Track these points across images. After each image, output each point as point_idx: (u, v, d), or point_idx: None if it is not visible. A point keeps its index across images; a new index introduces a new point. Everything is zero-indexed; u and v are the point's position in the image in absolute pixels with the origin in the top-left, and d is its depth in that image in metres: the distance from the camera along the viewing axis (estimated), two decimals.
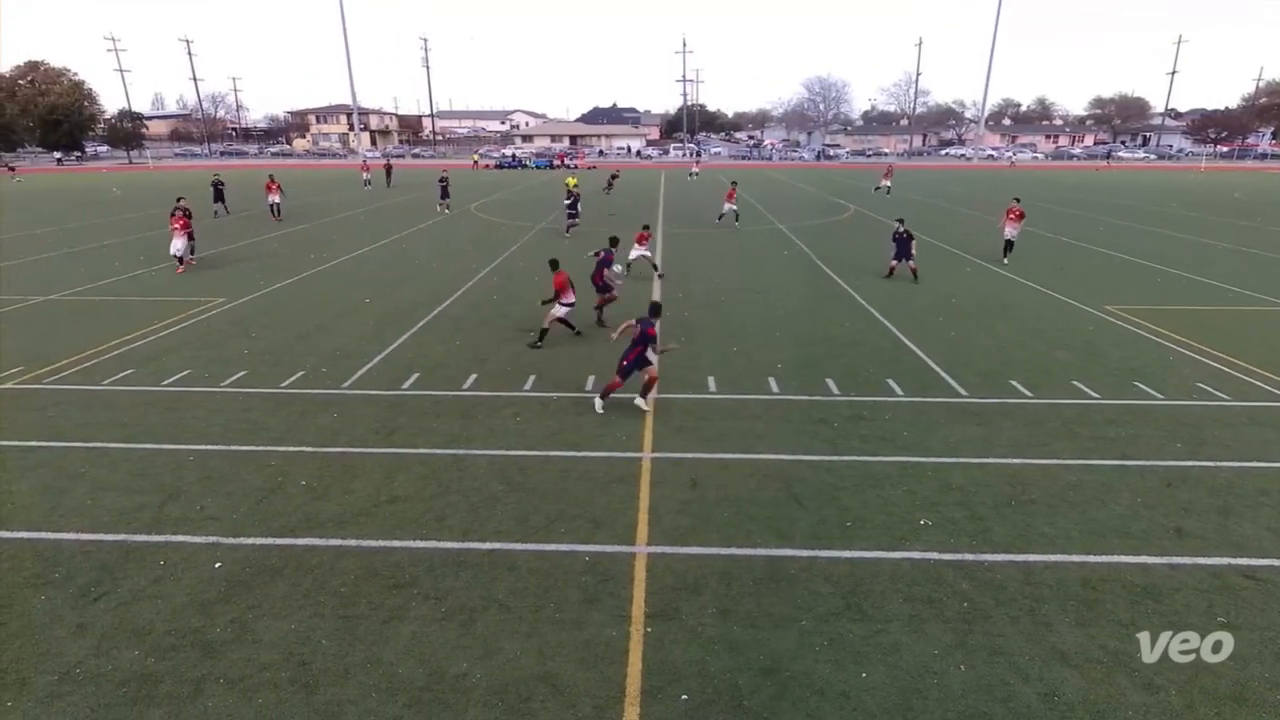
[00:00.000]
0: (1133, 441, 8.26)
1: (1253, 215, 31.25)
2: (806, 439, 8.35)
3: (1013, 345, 11.95)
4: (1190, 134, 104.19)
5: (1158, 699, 4.61)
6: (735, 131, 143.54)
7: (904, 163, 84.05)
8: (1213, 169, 72.87)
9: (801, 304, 14.94)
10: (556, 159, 75.75)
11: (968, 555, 6.13)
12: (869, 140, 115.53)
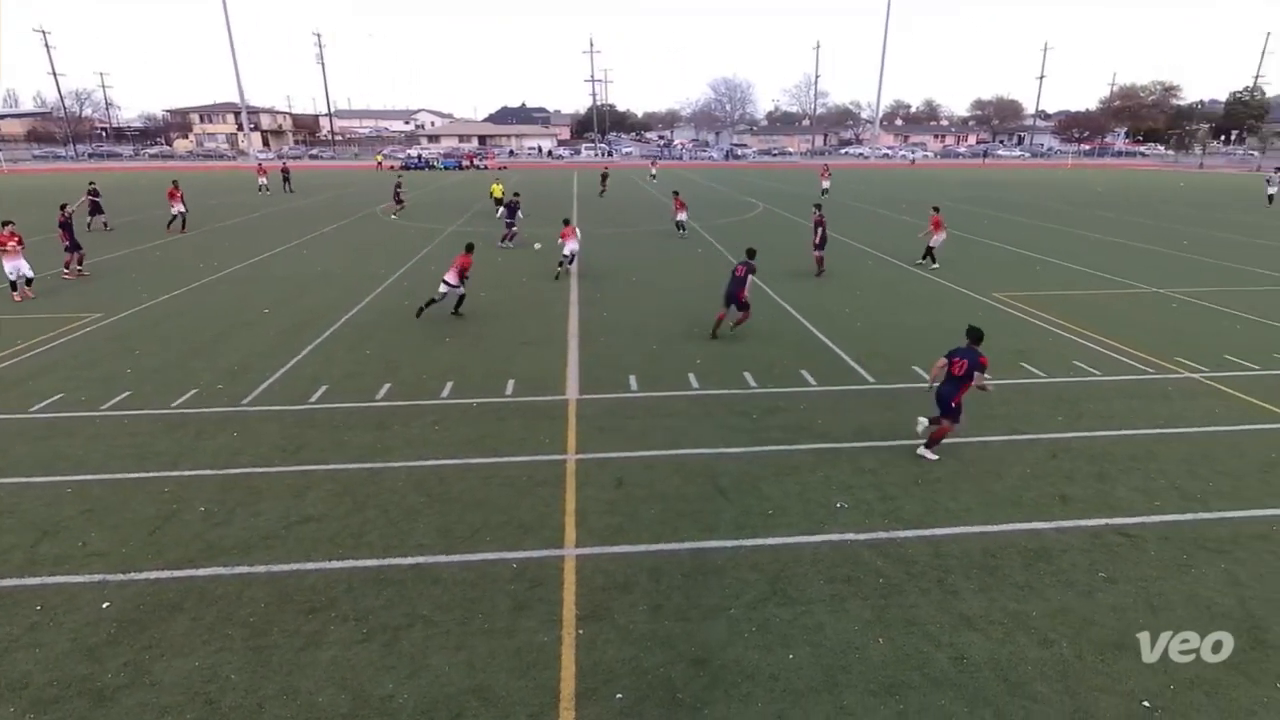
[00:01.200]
0: (1021, 418, 8.94)
1: (1113, 207, 34.53)
2: (728, 432, 8.54)
3: (914, 334, 12.68)
4: (1058, 133, 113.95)
5: (1052, 652, 5.03)
6: (645, 131, 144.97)
7: (807, 161, 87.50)
8: (1078, 165, 79.98)
9: (718, 301, 15.26)
10: (465, 159, 74.05)
11: (881, 534, 6.46)
12: (774, 140, 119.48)
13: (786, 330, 12.93)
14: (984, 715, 4.52)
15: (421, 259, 20.25)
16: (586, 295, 15.58)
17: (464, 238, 24.11)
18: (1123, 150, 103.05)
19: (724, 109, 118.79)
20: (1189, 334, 12.61)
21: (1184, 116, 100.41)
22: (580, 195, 40.90)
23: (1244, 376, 10.41)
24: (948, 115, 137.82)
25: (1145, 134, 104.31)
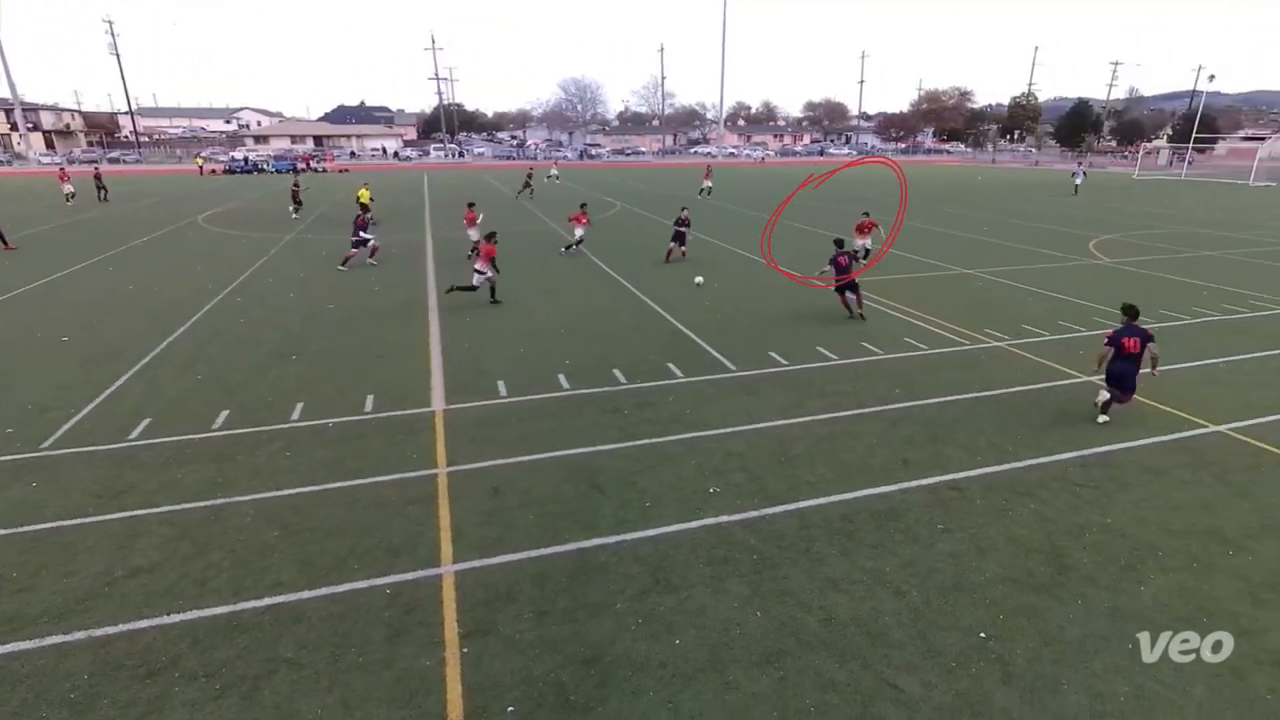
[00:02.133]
0: (865, 392, 9.80)
1: (928, 199, 38.70)
2: (601, 430, 8.61)
3: (769, 322, 13.48)
4: (879, 133, 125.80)
5: (905, 601, 5.57)
6: (497, 131, 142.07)
7: (659, 161, 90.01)
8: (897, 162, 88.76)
9: (583, 300, 15.33)
10: (301, 162, 68.51)
11: (752, 513, 6.81)
12: (626, 140, 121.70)
13: (652, 326, 13.24)
14: (852, 668, 4.92)
15: (258, 271, 18.49)
16: (446, 300, 15.01)
17: (305, 246, 22.35)
18: (931, 148, 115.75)
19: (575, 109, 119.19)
20: (993, 308, 14.44)
21: (977, 118, 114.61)
22: (434, 200, 39.28)
23: (1038, 342, 12.09)
24: (784, 116, 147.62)
25: (949, 133, 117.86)
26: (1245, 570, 5.96)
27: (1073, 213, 31.75)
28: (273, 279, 17.42)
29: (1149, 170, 64.74)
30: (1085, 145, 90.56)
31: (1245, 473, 7.59)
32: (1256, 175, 51.72)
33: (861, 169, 68.51)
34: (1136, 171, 63.14)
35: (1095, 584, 5.78)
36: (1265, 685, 4.75)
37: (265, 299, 15.36)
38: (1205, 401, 9.45)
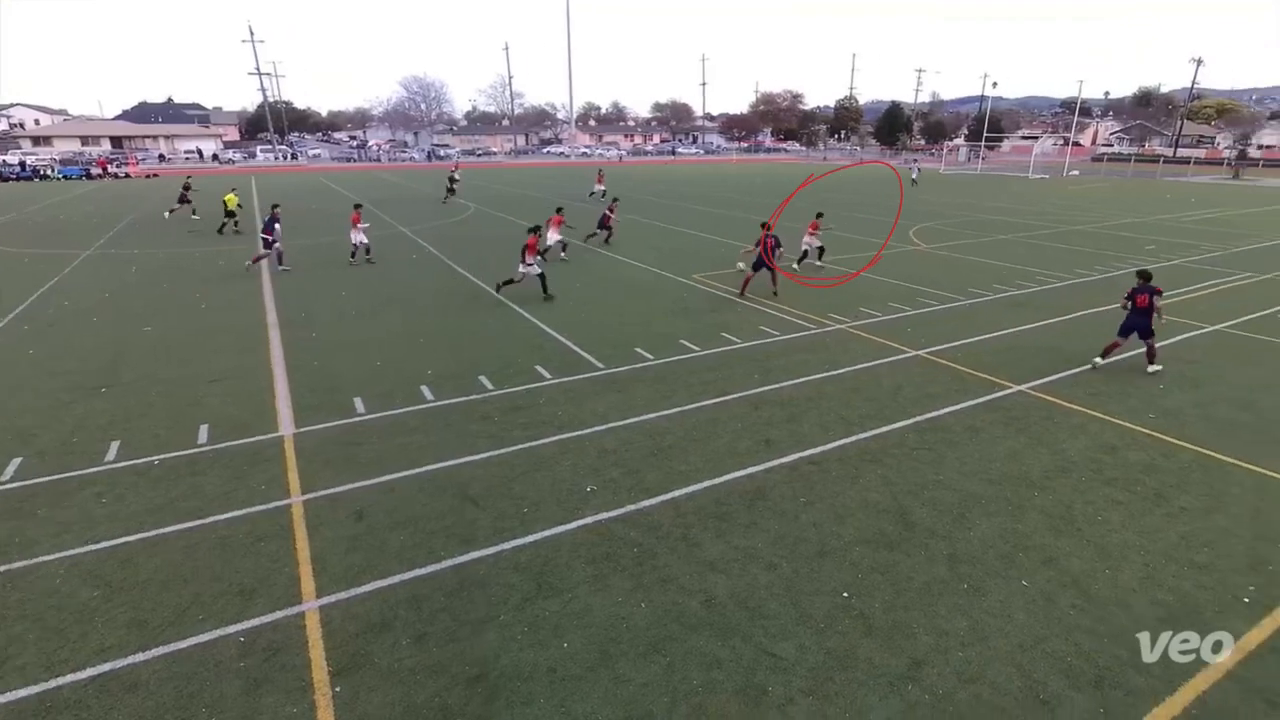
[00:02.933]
0: (727, 380, 10.28)
1: (770, 195, 41.22)
2: (471, 439, 8.35)
3: (633, 318, 13.73)
4: (723, 133, 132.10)
5: (777, 573, 5.92)
6: (333, 131, 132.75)
7: (513, 161, 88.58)
8: (741, 161, 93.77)
9: (441, 306, 14.75)
10: (97, 165, 59.92)
11: (630, 507, 6.92)
12: (477, 140, 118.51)
13: (517, 329, 13.02)
14: (734, 644, 5.16)
15: (49, 293, 15.94)
16: (289, 314, 13.82)
17: (109, 261, 19.60)
18: (771, 147, 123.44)
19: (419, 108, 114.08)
20: (834, 294, 15.69)
21: (809, 119, 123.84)
22: (268, 207, 35.96)
23: (873, 323, 13.32)
24: (634, 116, 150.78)
25: (785, 133, 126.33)
26: (1047, 506, 6.95)
27: (895, 204, 35.23)
28: (69, 301, 15.12)
29: (952, 166, 73.31)
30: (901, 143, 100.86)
31: (1041, 424, 8.85)
32: (1034, 168, 60.29)
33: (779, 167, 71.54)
34: (942, 167, 71.28)
35: (934, 535, 6.48)
36: (1068, 603, 5.58)
37: (62, 325, 13.30)
38: (1007, 366, 10.89)
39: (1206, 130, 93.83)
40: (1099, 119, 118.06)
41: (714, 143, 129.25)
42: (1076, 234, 25.18)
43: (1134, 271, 11.03)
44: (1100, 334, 12.78)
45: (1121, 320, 10.66)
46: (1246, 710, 4.59)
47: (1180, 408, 9.38)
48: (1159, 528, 6.60)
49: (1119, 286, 16.60)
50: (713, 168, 72.59)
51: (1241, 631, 5.25)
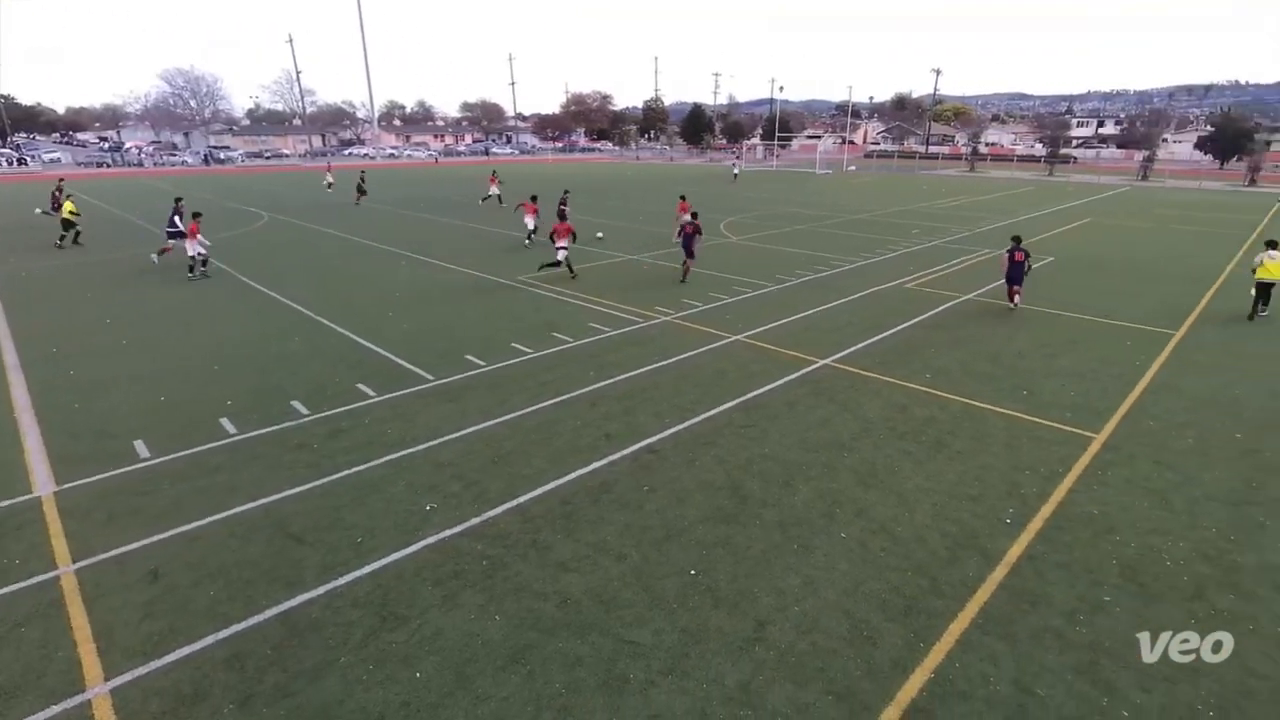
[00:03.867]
0: (564, 380, 10.31)
1: (590, 194, 41.83)
2: (288, 471, 7.56)
3: (459, 325, 13.25)
4: (536, 133, 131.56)
5: (628, 563, 6.07)
6: (76, 132, 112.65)
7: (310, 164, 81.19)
8: (558, 160, 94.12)
9: (238, 327, 13.15)
10: None
11: (475, 519, 6.70)
12: (264, 141, 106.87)
13: (332, 346, 12.00)
14: (593, 640, 5.21)
15: None
16: (35, 350, 11.53)
17: None
18: (585, 146, 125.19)
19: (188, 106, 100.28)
20: (657, 288, 16.34)
21: (619, 119, 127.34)
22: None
23: (696, 313, 14.07)
24: (442, 116, 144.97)
25: (598, 133, 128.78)
26: (855, 465, 7.83)
27: (702, 199, 37.44)
28: None
29: (752, 163, 79.38)
30: (706, 142, 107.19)
31: (845, 392, 9.94)
32: (820, 165, 67.20)
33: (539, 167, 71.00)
34: (744, 164, 77.03)
35: (766, 504, 7.03)
36: (879, 547, 6.34)
37: None
38: (813, 344, 12.07)
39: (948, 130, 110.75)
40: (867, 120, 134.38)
41: (528, 142, 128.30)
42: (859, 222, 28.51)
43: (1010, 236, 15.14)
44: (886, 310, 14.59)
45: (1006, 272, 14.57)
46: (1014, 609, 5.53)
47: (948, 366, 11.02)
48: (941, 471, 7.72)
49: (899, 267, 19.04)
50: (529, 167, 72.09)
51: (1005, 548, 6.31)
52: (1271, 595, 5.73)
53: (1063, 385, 10.26)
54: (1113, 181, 53.77)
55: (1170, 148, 78.81)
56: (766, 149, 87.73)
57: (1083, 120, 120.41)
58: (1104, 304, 15.10)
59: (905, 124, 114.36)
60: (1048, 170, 63.38)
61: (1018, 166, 69.84)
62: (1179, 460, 7.99)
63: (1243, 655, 5.07)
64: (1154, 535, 6.54)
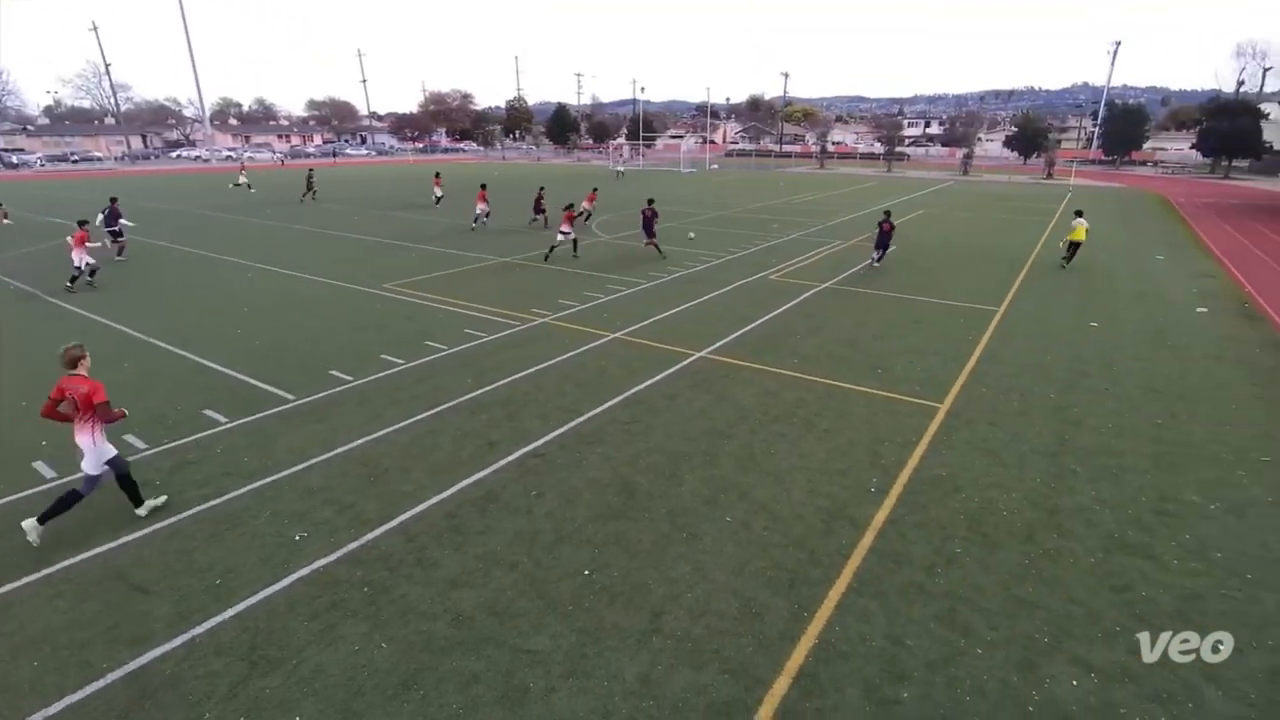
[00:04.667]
0: (440, 389, 9.93)
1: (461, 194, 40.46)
2: (124, 513, 6.71)
3: (323, 337, 12.37)
4: (394, 133, 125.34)
5: (520, 571, 5.96)
6: None
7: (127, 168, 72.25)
8: (419, 161, 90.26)
9: (45, 354, 11.45)
10: None
11: (352, 544, 6.30)
12: (69, 142, 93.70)
13: (171, 370, 10.77)
14: (489, 654, 5.07)
15: None
16: None
17: None
18: (448, 147, 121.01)
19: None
20: (530, 289, 16.14)
21: (482, 119, 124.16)
22: None
23: (573, 312, 14.05)
24: (286, 115, 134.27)
25: (460, 133, 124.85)
26: (735, 451, 8.17)
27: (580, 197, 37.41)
28: None
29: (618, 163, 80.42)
30: (572, 142, 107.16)
31: (721, 382, 10.34)
32: (684, 164, 69.34)
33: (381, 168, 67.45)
34: (611, 164, 77.85)
35: (654, 496, 7.16)
36: (761, 526, 6.66)
37: None
38: (689, 337, 12.45)
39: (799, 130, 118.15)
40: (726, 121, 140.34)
41: (386, 143, 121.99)
42: (724, 219, 29.72)
43: (881, 210, 18.68)
44: (753, 302, 15.31)
45: (876, 240, 18.68)
46: (882, 570, 6.02)
47: (812, 351, 11.78)
48: (812, 450, 8.24)
49: (763, 261, 20.03)
50: (392, 169, 68.61)
51: (872, 514, 6.86)
52: (1084, 531, 6.64)
53: (911, 362, 11.28)
54: (940, 176, 59.85)
55: (985, 146, 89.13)
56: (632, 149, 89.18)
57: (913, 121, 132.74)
58: (940, 287, 16.78)
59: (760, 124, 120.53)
60: (887, 167, 69.44)
61: (861, 163, 75.99)
62: (1008, 421, 9.06)
63: (1067, 586, 5.84)
64: (992, 489, 7.37)
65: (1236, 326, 13.79)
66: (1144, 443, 8.49)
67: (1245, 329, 13.61)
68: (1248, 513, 6.97)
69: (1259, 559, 6.22)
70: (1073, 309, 14.93)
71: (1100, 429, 8.85)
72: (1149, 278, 18.35)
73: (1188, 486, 7.46)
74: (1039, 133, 74.78)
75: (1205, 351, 12.09)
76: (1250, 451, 8.27)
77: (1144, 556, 6.25)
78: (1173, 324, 13.83)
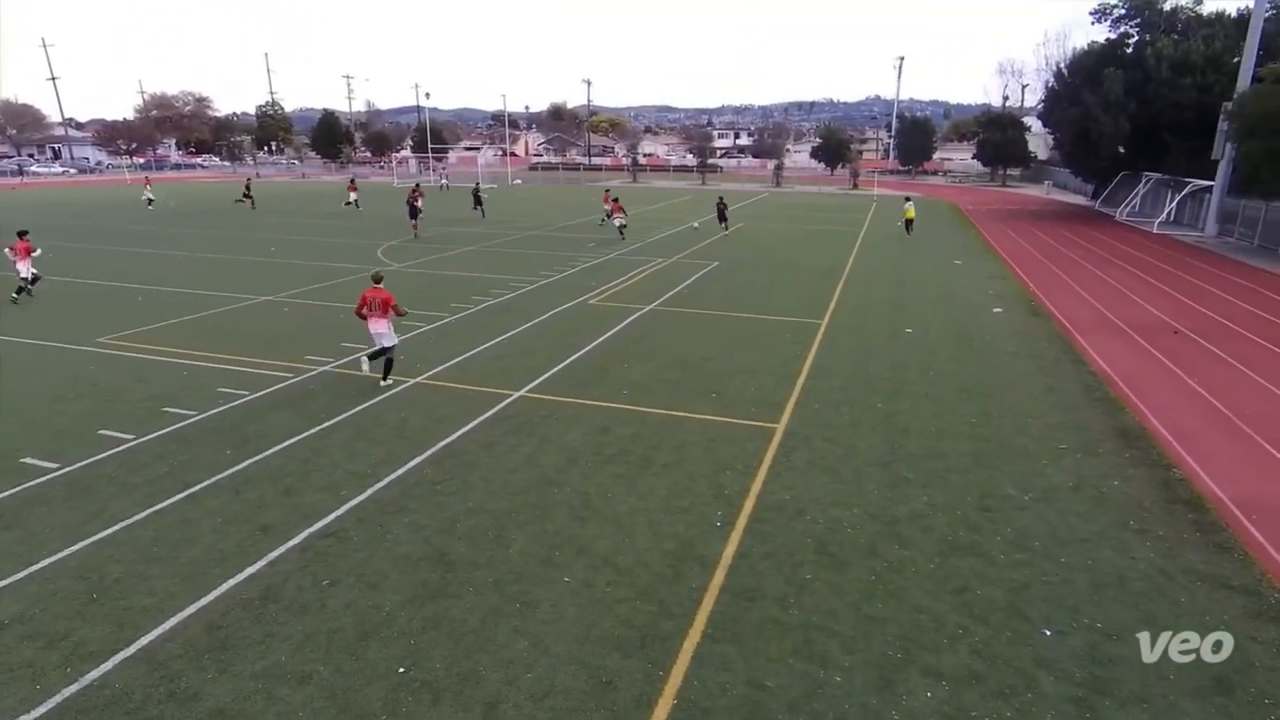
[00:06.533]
0: (189, 467, 8.82)
1: (192, 224, 36.61)
2: None
3: (7, 415, 10.45)
4: (102, 145, 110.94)
5: (315, 683, 5.41)
6: None
7: None
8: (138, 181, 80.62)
9: None
10: None
11: (69, 689, 5.32)
12: None
13: None
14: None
15: None
16: None
17: None
18: (180, 162, 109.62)
19: None
20: (308, 332, 15.02)
21: (226, 128, 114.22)
22: None
23: (359, 357, 13.24)
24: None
25: (197, 145, 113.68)
26: (568, 499, 8.16)
27: (359, 222, 35.62)
28: None
29: (405, 178, 78.11)
30: (345, 156, 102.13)
31: (545, 423, 10.31)
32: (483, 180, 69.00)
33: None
34: (395, 180, 75.35)
35: (477, 565, 6.90)
36: (605, 582, 6.68)
37: None
38: (504, 375, 12.31)
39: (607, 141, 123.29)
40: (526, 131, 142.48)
41: (91, 158, 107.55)
42: (534, 239, 29.98)
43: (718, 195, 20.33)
44: (574, 329, 15.56)
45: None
46: (736, 609, 6.31)
47: (642, 379, 12.19)
48: (652, 488, 8.47)
49: (580, 284, 20.46)
50: (101, 191, 60.50)
51: (720, 551, 7.19)
52: (921, 537, 7.49)
53: (744, 382, 12.10)
54: (754, 188, 65.57)
55: (793, 156, 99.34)
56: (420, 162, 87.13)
57: (722, 131, 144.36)
58: (764, 302, 18.26)
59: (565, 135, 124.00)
60: (701, 179, 74.69)
61: (675, 175, 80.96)
62: (841, 435, 10.01)
63: (912, 596, 6.54)
64: (834, 507, 8.07)
65: (1026, 323, 16.56)
66: (963, 442, 9.83)
67: (1033, 325, 16.39)
68: (1054, 499, 8.32)
69: (1068, 541, 7.44)
70: (887, 317, 16.97)
71: (925, 432, 10.10)
72: (950, 282, 21.47)
73: (1005, 480, 8.74)
74: (842, 144, 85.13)
75: (1004, 349, 14.34)
76: (1049, 440, 9.91)
77: (975, 554, 7.19)
78: (975, 325, 16.26)
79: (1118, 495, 8.41)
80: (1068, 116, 41.75)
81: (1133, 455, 9.48)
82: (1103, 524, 7.78)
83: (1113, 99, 37.92)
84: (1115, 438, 10.04)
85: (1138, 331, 15.83)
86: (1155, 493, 8.48)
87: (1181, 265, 25.30)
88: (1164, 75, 37.11)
